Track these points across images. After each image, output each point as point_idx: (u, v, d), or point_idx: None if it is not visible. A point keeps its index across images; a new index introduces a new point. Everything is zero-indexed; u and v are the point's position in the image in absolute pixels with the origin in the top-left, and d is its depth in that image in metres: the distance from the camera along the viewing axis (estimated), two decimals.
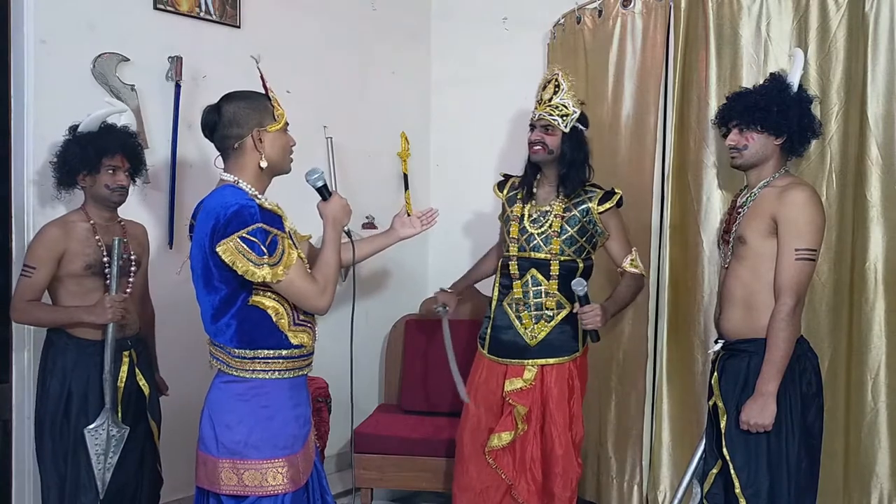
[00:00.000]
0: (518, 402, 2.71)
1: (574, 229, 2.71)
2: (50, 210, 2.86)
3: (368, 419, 3.54)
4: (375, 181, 3.95)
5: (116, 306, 2.47)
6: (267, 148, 1.98)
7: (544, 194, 2.79)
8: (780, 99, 2.29)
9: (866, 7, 2.64)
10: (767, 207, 2.24)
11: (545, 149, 2.70)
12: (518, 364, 2.74)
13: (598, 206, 2.71)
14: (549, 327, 2.72)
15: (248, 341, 1.95)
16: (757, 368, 2.21)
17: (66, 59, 2.90)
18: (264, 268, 1.85)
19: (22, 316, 2.54)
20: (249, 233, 1.85)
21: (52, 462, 2.50)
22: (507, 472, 2.74)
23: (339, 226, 2.07)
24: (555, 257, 2.70)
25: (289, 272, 1.89)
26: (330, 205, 2.07)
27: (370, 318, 3.91)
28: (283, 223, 1.96)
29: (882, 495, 2.66)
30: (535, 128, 2.74)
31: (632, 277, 2.76)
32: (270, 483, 1.94)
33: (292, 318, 1.98)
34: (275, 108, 2.01)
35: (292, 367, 2.01)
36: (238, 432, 1.94)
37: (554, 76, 2.74)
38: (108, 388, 2.49)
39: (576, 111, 2.72)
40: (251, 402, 1.96)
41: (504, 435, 2.72)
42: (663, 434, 3.01)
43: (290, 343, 1.98)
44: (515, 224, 2.79)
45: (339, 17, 3.79)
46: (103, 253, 2.52)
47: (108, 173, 2.55)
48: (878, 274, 2.65)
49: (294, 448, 2.00)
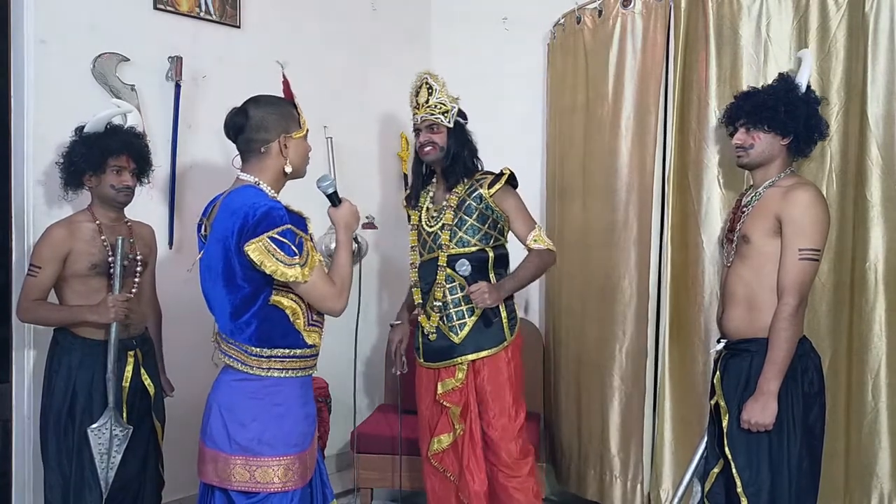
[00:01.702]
0: (450, 402, 2.72)
1: (472, 218, 2.72)
2: (50, 209, 2.86)
3: (368, 419, 3.54)
4: (375, 181, 3.96)
5: (119, 306, 2.48)
6: (291, 154, 2.04)
7: (442, 193, 2.82)
8: (787, 99, 2.29)
9: (866, 7, 2.64)
10: (772, 207, 2.25)
11: (436, 147, 2.73)
12: (450, 364, 2.74)
13: (489, 189, 2.73)
14: (472, 321, 2.72)
15: (266, 340, 1.98)
16: (759, 368, 2.21)
17: (66, 59, 2.91)
18: (295, 268, 1.90)
19: (27, 315, 2.56)
20: (279, 233, 1.89)
21: (56, 461, 2.51)
22: (454, 471, 2.76)
23: (351, 231, 2.12)
24: (447, 250, 2.72)
25: (312, 274, 1.94)
26: (341, 211, 2.12)
27: (370, 319, 3.92)
28: (306, 225, 2.02)
29: (882, 495, 2.66)
30: (419, 131, 2.77)
31: (536, 254, 2.75)
32: (282, 480, 1.98)
33: (307, 319, 2.03)
34: (300, 115, 2.08)
35: (304, 367, 2.06)
36: (252, 430, 1.97)
37: (423, 80, 2.77)
38: (111, 387, 2.50)
39: (454, 106, 2.76)
40: (264, 401, 1.99)
41: (443, 437, 2.74)
42: (665, 433, 3.01)
43: (304, 343, 2.02)
44: (414, 232, 2.87)
45: (339, 17, 3.79)
46: (109, 253, 2.53)
47: (113, 173, 2.56)
48: (878, 274, 2.65)
49: (304, 445, 2.04)
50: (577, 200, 3.44)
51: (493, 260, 2.75)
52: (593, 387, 3.34)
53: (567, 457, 3.52)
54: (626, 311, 3.19)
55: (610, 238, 3.25)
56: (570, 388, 3.50)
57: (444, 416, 2.76)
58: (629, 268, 3.18)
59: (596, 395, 3.31)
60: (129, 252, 2.59)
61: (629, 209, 3.19)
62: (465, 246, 2.73)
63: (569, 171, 3.51)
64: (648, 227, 3.10)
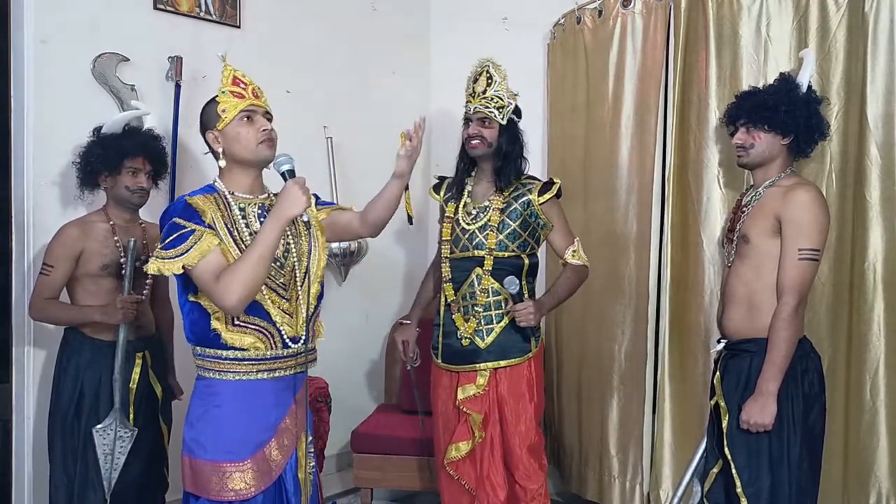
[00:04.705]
0: (472, 409, 2.61)
1: (516, 223, 2.63)
2: (50, 209, 2.86)
3: (368, 419, 3.54)
4: (375, 181, 3.94)
5: (128, 307, 2.48)
6: (224, 146, 1.97)
7: (482, 190, 2.71)
8: (787, 99, 2.29)
9: (866, 7, 2.64)
10: (772, 207, 2.25)
11: (484, 142, 2.63)
12: (470, 369, 2.63)
13: (539, 197, 2.65)
14: (500, 328, 2.62)
15: (195, 339, 1.95)
16: (759, 368, 2.21)
17: (66, 59, 2.91)
18: (156, 260, 1.86)
19: (39, 313, 2.58)
20: (167, 227, 1.88)
21: (61, 460, 2.52)
22: (470, 481, 2.65)
23: (279, 217, 1.88)
24: (490, 253, 2.62)
25: (194, 268, 1.83)
26: (281, 191, 1.93)
27: (370, 319, 3.91)
28: (201, 218, 1.88)
29: (881, 495, 2.66)
30: (470, 122, 2.66)
31: (573, 269, 2.69)
32: (213, 487, 1.89)
33: (230, 318, 1.91)
34: (220, 103, 1.98)
35: (241, 370, 1.92)
36: (195, 429, 1.93)
37: (485, 68, 2.66)
38: (117, 388, 2.50)
39: (511, 102, 2.65)
40: (207, 401, 1.94)
41: (461, 445, 2.63)
42: (665, 433, 3.01)
43: (225, 344, 1.90)
44: (448, 226, 2.73)
45: (338, 17, 3.79)
46: (121, 254, 2.54)
47: (128, 175, 2.57)
48: (877, 274, 2.65)
49: (241, 454, 1.91)
50: (577, 200, 3.43)
51: (527, 268, 2.66)
52: (593, 387, 3.33)
53: (568, 456, 3.52)
54: (626, 312, 3.19)
55: (610, 238, 3.25)
56: (571, 388, 3.50)
57: (462, 423, 2.64)
58: (629, 268, 3.18)
59: (596, 396, 3.32)
60: (142, 253, 2.60)
61: (629, 209, 3.19)
62: (504, 250, 2.63)
63: (569, 171, 3.51)
64: (648, 227, 3.10)
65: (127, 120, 2.64)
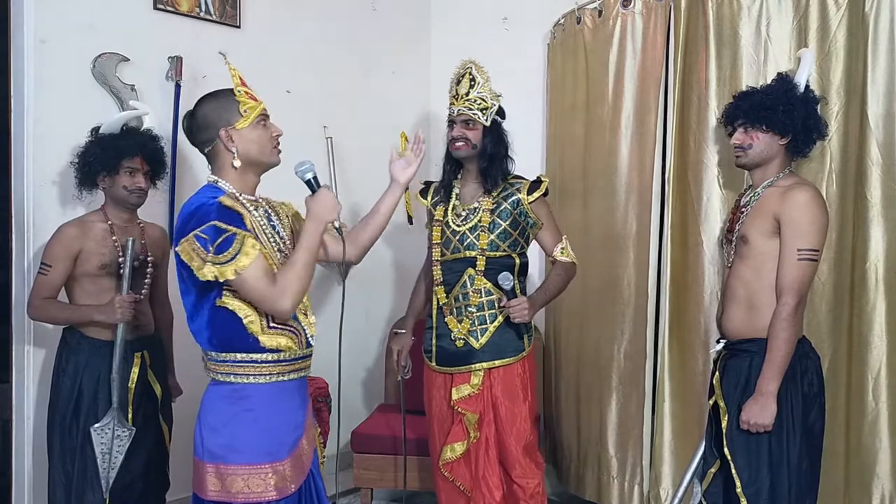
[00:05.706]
0: (467, 409, 2.61)
1: (506, 223, 2.65)
2: (50, 209, 2.86)
3: (368, 419, 3.54)
4: (375, 181, 3.93)
5: (126, 306, 2.49)
6: (239, 146, 1.91)
7: (470, 192, 2.72)
8: (785, 98, 2.29)
9: (866, 7, 2.64)
10: (771, 207, 2.25)
11: (468, 144, 2.63)
12: (465, 370, 2.64)
13: (528, 195, 2.67)
14: (494, 327, 2.63)
15: (222, 344, 1.88)
16: (758, 368, 2.21)
17: (66, 59, 2.91)
18: (208, 266, 1.77)
19: (37, 313, 2.58)
20: (203, 231, 1.79)
21: (59, 459, 2.52)
22: (465, 483, 2.65)
23: (319, 222, 1.91)
24: (482, 253, 2.63)
25: (243, 272, 1.78)
26: (314, 198, 1.95)
27: (370, 318, 3.92)
28: (243, 221, 1.84)
29: (883, 496, 2.65)
30: (454, 124, 2.67)
31: (562, 266, 2.71)
32: (254, 490, 1.86)
33: (266, 321, 1.89)
34: (241, 102, 1.93)
35: (275, 372, 1.91)
36: (222, 436, 1.88)
37: (467, 70, 2.68)
38: (115, 387, 2.50)
39: (494, 104, 2.67)
40: (235, 406, 1.89)
41: (456, 446, 2.63)
42: (664, 433, 3.01)
43: (262, 347, 1.88)
44: (438, 228, 2.73)
45: (338, 17, 3.79)
46: (119, 253, 2.55)
47: (126, 175, 2.57)
48: (878, 274, 2.64)
49: (279, 454, 1.90)
50: (576, 200, 3.43)
51: (518, 267, 2.68)
52: (592, 386, 3.33)
53: (567, 457, 3.52)
54: (625, 311, 3.19)
55: (610, 238, 3.24)
56: (570, 387, 3.50)
57: (457, 423, 2.65)
58: (629, 268, 3.18)
59: (595, 396, 3.31)
60: (140, 253, 2.60)
61: (629, 209, 3.19)
62: (495, 250, 2.65)
63: (569, 171, 3.51)
64: (648, 227, 3.10)
65: (125, 120, 2.64)
